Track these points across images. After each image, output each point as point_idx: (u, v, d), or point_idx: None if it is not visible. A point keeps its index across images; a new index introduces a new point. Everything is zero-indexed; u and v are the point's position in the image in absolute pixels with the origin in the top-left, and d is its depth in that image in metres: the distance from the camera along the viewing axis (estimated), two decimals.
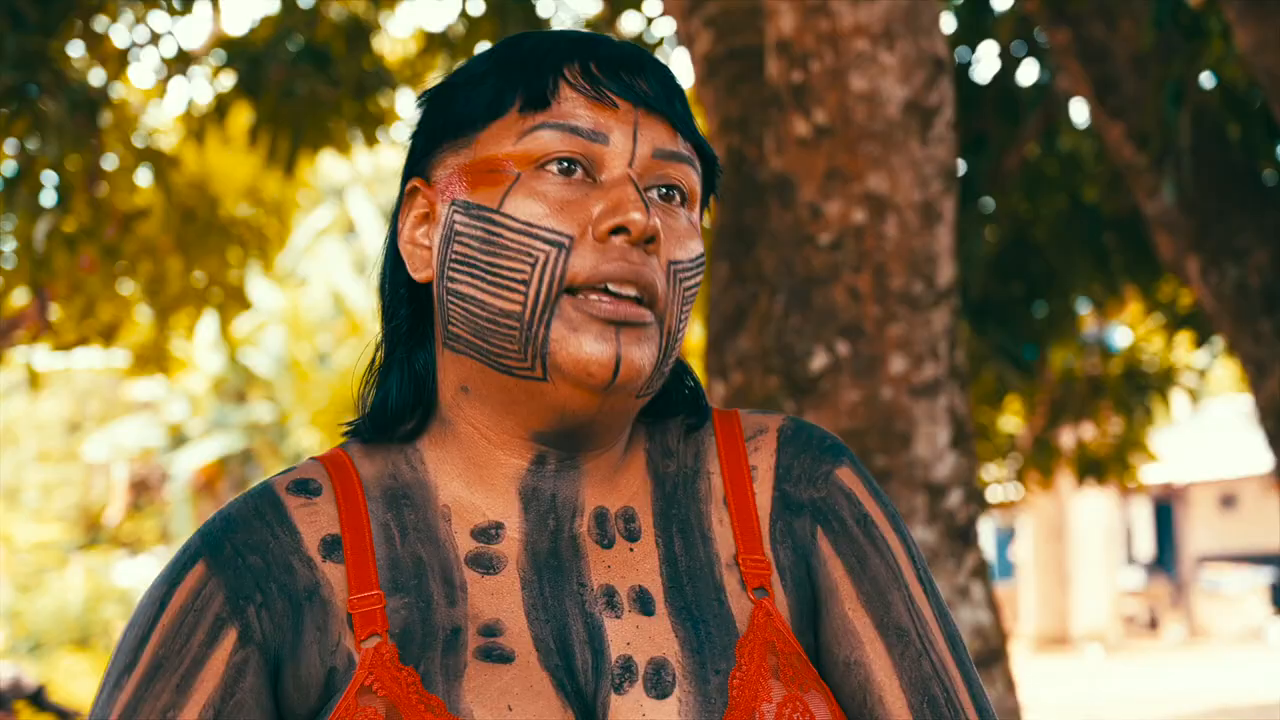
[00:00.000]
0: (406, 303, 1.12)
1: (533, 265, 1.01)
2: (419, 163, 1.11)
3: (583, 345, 1.00)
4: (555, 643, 1.02)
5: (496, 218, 1.03)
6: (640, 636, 1.03)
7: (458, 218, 1.05)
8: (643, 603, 1.05)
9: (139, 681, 1.01)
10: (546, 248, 1.01)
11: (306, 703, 1.02)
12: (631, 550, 1.07)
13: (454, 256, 1.05)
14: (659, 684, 1.01)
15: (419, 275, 1.09)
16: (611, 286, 1.01)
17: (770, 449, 1.14)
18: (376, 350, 1.14)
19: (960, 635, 1.11)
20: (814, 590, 1.10)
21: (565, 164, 1.04)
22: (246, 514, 1.07)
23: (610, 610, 1.04)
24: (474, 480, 1.07)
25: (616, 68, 1.06)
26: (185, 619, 1.03)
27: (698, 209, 1.11)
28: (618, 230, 1.02)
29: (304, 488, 1.08)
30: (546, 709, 0.98)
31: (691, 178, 1.08)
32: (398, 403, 1.10)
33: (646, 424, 1.14)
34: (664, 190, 1.07)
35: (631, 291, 1.02)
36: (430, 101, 1.11)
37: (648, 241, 1.02)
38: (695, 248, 1.07)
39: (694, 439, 1.15)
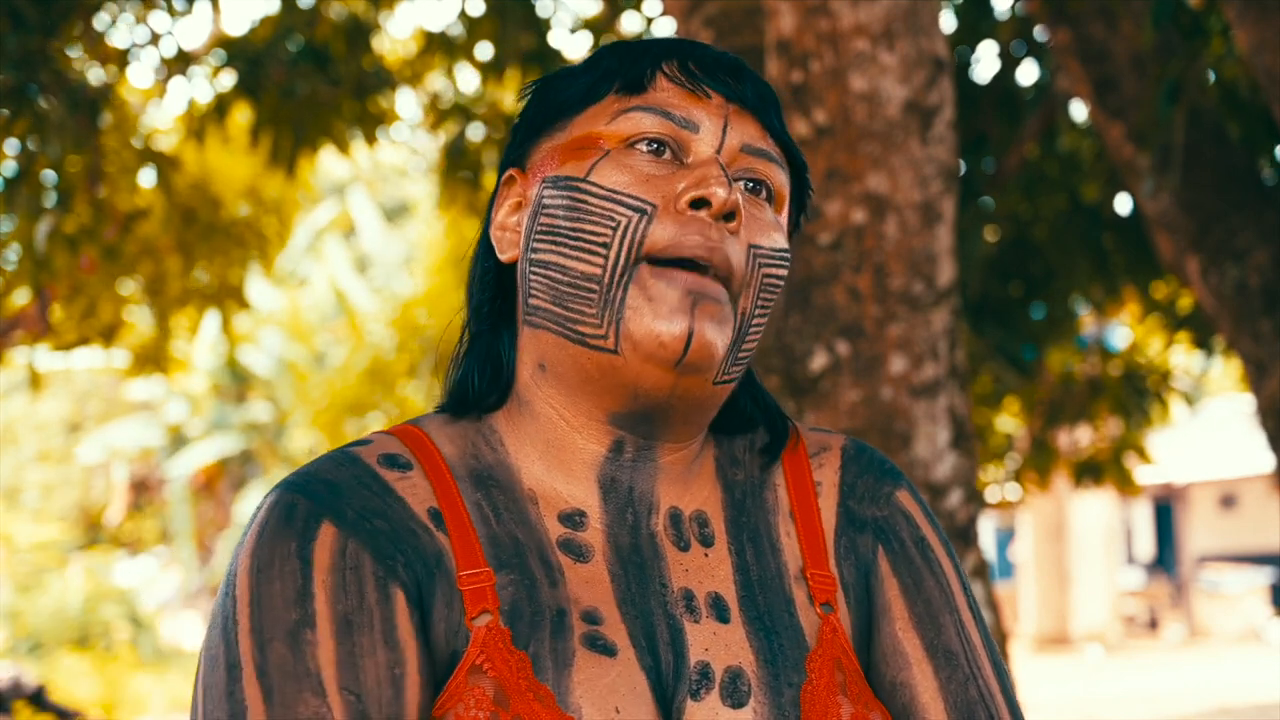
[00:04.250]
0: (492, 286, 1.14)
1: (614, 229, 1.02)
2: (516, 153, 1.13)
3: (657, 317, 1.00)
4: (645, 640, 1.02)
5: (582, 185, 1.04)
6: (717, 644, 1.03)
7: (546, 192, 1.06)
8: (719, 610, 1.05)
9: (335, 636, 0.95)
10: (629, 213, 1.02)
11: (433, 678, 0.99)
12: (706, 556, 1.08)
13: (539, 228, 1.06)
14: (735, 693, 1.01)
15: (505, 256, 1.11)
16: (687, 266, 1.02)
17: (834, 466, 1.15)
18: (463, 332, 1.16)
19: (1005, 664, 1.12)
20: (870, 608, 1.11)
21: (655, 145, 1.05)
22: (349, 481, 1.03)
23: (689, 614, 1.04)
24: (553, 464, 1.07)
25: (714, 67, 1.08)
26: (345, 575, 0.97)
27: (786, 211, 1.12)
28: (699, 204, 1.02)
29: (394, 462, 1.06)
30: (646, 712, 0.98)
31: (779, 177, 1.09)
32: (479, 380, 1.11)
33: (715, 434, 1.15)
34: (751, 184, 1.08)
35: (708, 273, 1.02)
36: (532, 93, 1.14)
37: (728, 219, 1.03)
38: (779, 240, 1.08)
39: (759, 449, 1.16)
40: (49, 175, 5.47)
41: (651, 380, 1.02)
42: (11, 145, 5.32)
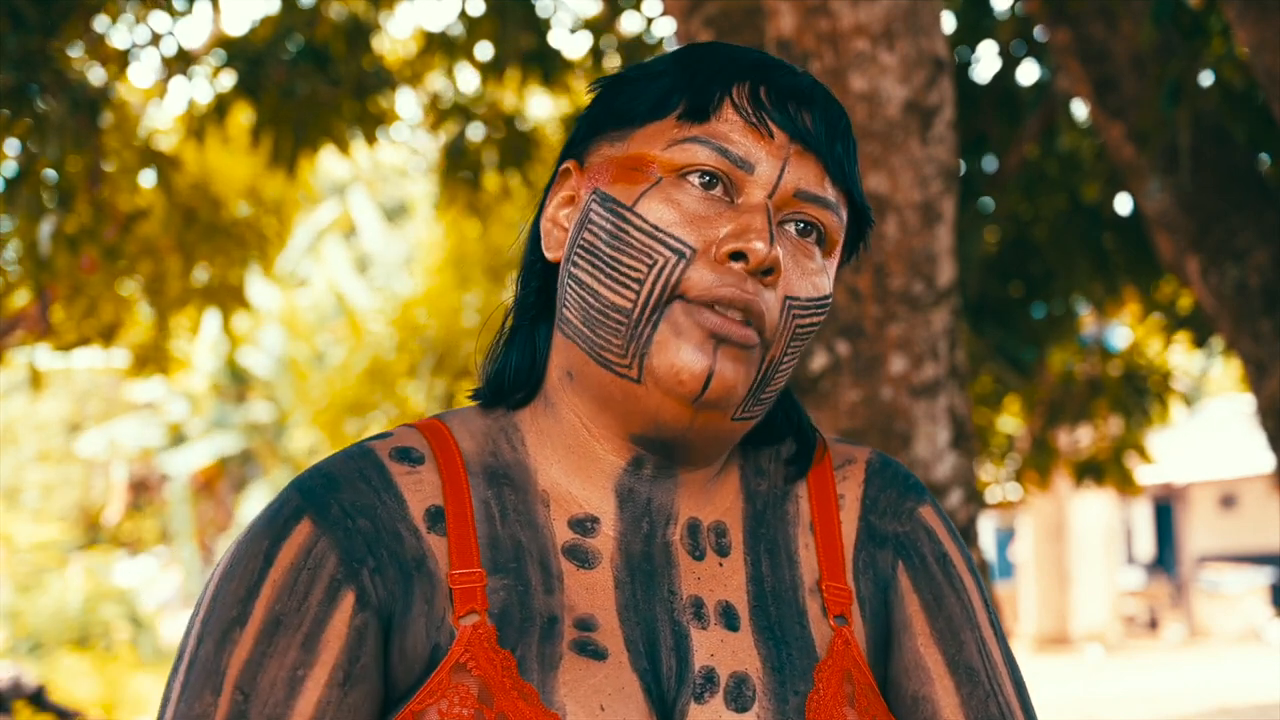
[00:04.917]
0: (539, 277, 1.13)
1: (650, 267, 1.02)
2: (577, 146, 1.12)
3: (680, 353, 1.01)
4: (644, 646, 1.02)
5: (628, 215, 1.04)
6: (724, 650, 1.04)
7: (594, 207, 1.06)
8: (728, 617, 1.06)
9: (257, 636, 0.98)
10: (667, 254, 1.02)
11: (409, 678, 1.00)
12: (721, 565, 1.08)
13: (581, 243, 1.06)
14: (739, 698, 1.02)
15: (551, 255, 1.11)
16: (719, 308, 1.01)
17: (858, 480, 1.15)
18: (505, 319, 1.15)
19: (1025, 681, 1.13)
20: (889, 623, 1.12)
21: (707, 177, 1.04)
22: (350, 475, 1.04)
23: (697, 621, 1.05)
24: (572, 469, 1.08)
25: (785, 97, 1.05)
26: (299, 576, 0.99)
27: (836, 255, 1.10)
28: (737, 256, 1.02)
29: (406, 455, 1.07)
30: (635, 712, 0.99)
31: (832, 220, 1.07)
32: (513, 374, 1.11)
33: (742, 444, 1.15)
34: (802, 225, 1.06)
35: (738, 317, 1.02)
36: (601, 89, 1.12)
37: (766, 273, 1.02)
38: (821, 287, 1.06)
39: (785, 460, 1.16)
40: (50, 175, 5.47)
41: (670, 413, 1.03)
42: (12, 145, 5.32)
